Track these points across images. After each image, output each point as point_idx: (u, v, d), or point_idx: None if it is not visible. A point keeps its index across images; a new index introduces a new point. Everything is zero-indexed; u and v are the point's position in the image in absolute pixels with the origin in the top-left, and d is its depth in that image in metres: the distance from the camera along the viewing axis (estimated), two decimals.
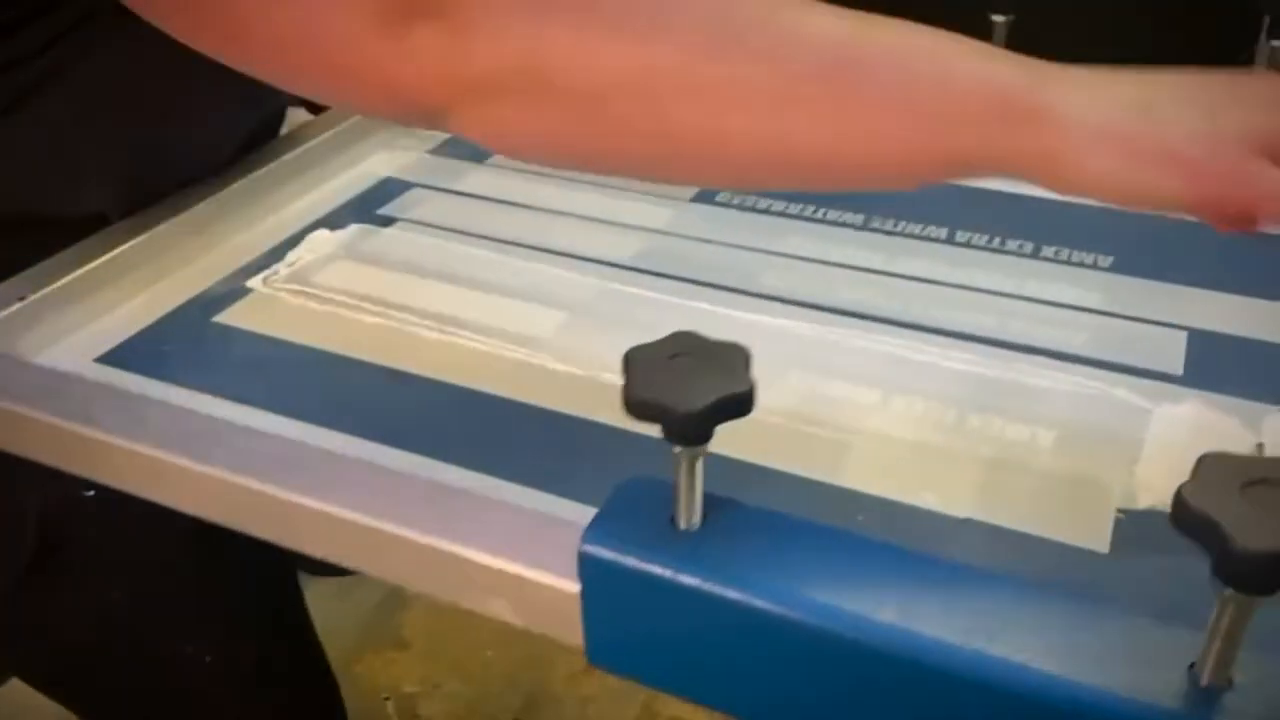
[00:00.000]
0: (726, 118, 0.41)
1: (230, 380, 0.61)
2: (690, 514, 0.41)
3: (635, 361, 0.38)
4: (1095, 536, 0.50)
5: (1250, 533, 0.30)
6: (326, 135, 0.84)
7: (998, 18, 0.81)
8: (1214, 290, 0.67)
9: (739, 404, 0.37)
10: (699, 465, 0.40)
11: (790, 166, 0.43)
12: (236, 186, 0.77)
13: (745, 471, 0.54)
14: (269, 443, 0.52)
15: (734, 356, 0.38)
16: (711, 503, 0.42)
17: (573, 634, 0.44)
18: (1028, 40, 0.46)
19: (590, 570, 0.41)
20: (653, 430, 0.38)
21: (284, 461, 0.51)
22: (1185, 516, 0.31)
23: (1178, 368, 0.61)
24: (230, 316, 0.68)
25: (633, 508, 0.42)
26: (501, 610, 0.46)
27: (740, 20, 0.41)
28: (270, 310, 0.68)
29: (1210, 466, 0.32)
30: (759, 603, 0.39)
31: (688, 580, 0.39)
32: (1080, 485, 0.53)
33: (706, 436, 0.38)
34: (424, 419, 0.58)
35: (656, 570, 0.40)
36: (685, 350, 0.39)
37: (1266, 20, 0.78)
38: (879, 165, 0.42)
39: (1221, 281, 0.68)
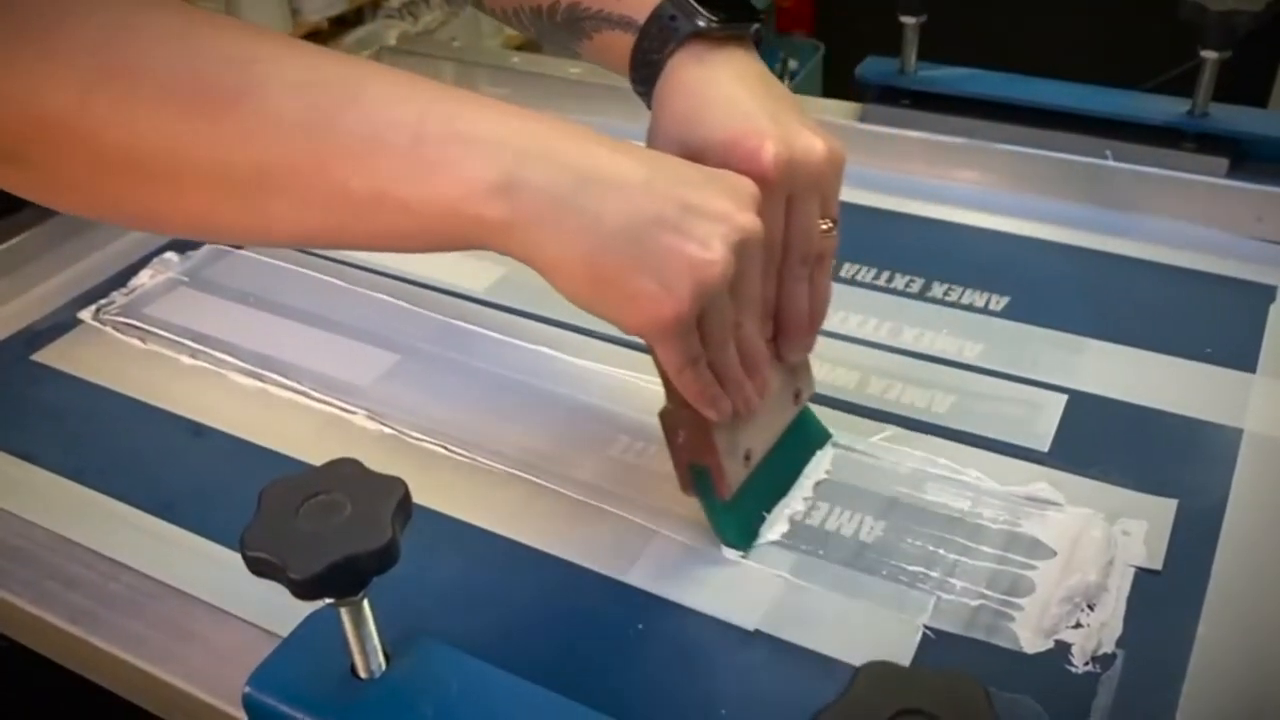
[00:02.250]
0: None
1: (26, 432, 0.58)
2: (367, 662, 0.36)
3: (266, 501, 0.33)
4: (898, 656, 0.44)
5: None
6: None
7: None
8: (1111, 342, 0.60)
9: (374, 560, 0.32)
10: (365, 612, 0.35)
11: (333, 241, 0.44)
12: None
13: (537, 561, 0.49)
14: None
15: (386, 497, 0.33)
16: (402, 644, 0.37)
17: None
18: None
19: (258, 716, 0.37)
20: None
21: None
22: None
23: (1044, 443, 0.54)
24: (50, 354, 0.64)
25: (314, 647, 0.37)
26: None
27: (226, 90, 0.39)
28: (91, 348, 0.64)
29: (862, 688, 0.27)
30: None
31: None
32: (888, 603, 0.47)
33: (356, 589, 0.34)
34: (209, 483, 0.54)
35: None
36: (336, 485, 0.34)
37: None
38: (409, 245, 0.43)
39: (1122, 327, 0.61)
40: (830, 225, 0.48)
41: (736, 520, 0.49)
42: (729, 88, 0.47)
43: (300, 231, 0.42)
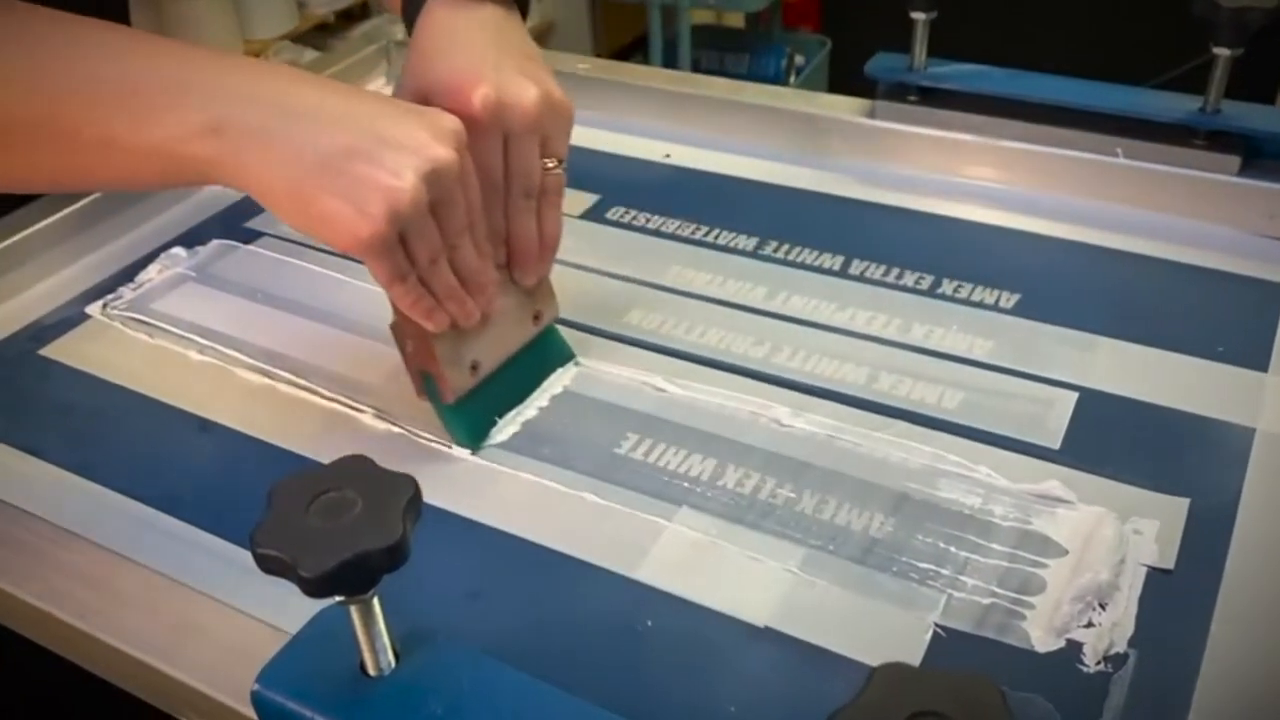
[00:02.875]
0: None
1: (33, 427, 0.58)
2: (376, 660, 0.36)
3: (276, 499, 0.33)
4: (908, 655, 0.44)
5: None
6: None
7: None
8: (1122, 340, 0.60)
9: (385, 557, 0.32)
10: (375, 610, 0.35)
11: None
12: (95, 197, 0.72)
13: (546, 559, 0.49)
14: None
15: (396, 495, 0.33)
16: (412, 641, 0.37)
17: None
18: None
19: (266, 712, 0.37)
20: None
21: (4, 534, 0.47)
22: None
23: (1055, 440, 0.54)
24: (57, 349, 0.64)
25: (323, 645, 0.37)
26: None
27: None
28: (99, 343, 0.64)
29: (877, 689, 0.27)
30: None
31: None
32: (897, 601, 0.46)
33: (366, 586, 0.33)
34: (217, 479, 0.54)
35: None
36: (346, 482, 0.34)
37: None
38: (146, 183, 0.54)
39: (1134, 325, 0.61)
40: (555, 164, 0.54)
41: (465, 422, 0.55)
42: (466, 35, 0.53)
43: (53, 177, 0.52)
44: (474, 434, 0.55)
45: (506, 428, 0.56)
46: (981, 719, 0.26)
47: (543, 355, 0.59)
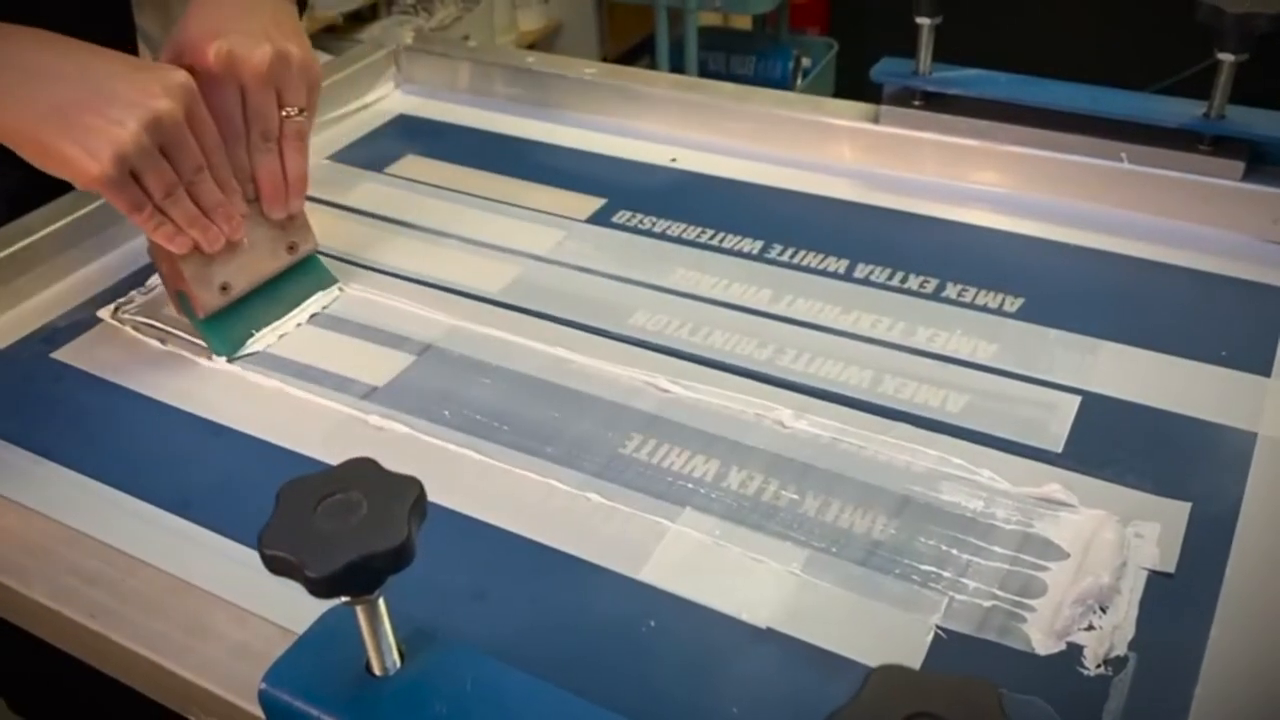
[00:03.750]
0: None
1: (45, 430, 0.58)
2: (382, 660, 0.36)
3: (283, 501, 0.34)
4: (909, 657, 0.45)
5: None
6: None
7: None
8: (1125, 344, 0.60)
9: (390, 558, 0.32)
10: (380, 611, 0.35)
11: None
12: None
13: (550, 559, 0.49)
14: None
15: (402, 497, 0.34)
16: (417, 641, 0.37)
17: None
18: None
19: (273, 711, 0.37)
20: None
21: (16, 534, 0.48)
22: None
23: (1058, 444, 0.54)
24: (69, 353, 0.64)
25: (330, 644, 0.38)
26: None
27: None
28: (111, 346, 0.65)
29: (873, 691, 0.27)
30: None
31: None
32: (900, 603, 0.47)
33: (372, 587, 0.34)
34: (227, 482, 0.55)
35: None
36: (353, 484, 0.34)
37: None
38: None
39: (1137, 330, 0.61)
40: (296, 112, 0.62)
41: (219, 334, 0.63)
42: (220, 3, 0.62)
43: None
44: (228, 344, 0.63)
45: (264, 339, 0.64)
46: None
47: (302, 280, 0.67)
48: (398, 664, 0.37)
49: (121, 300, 0.68)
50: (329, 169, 0.82)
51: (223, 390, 0.61)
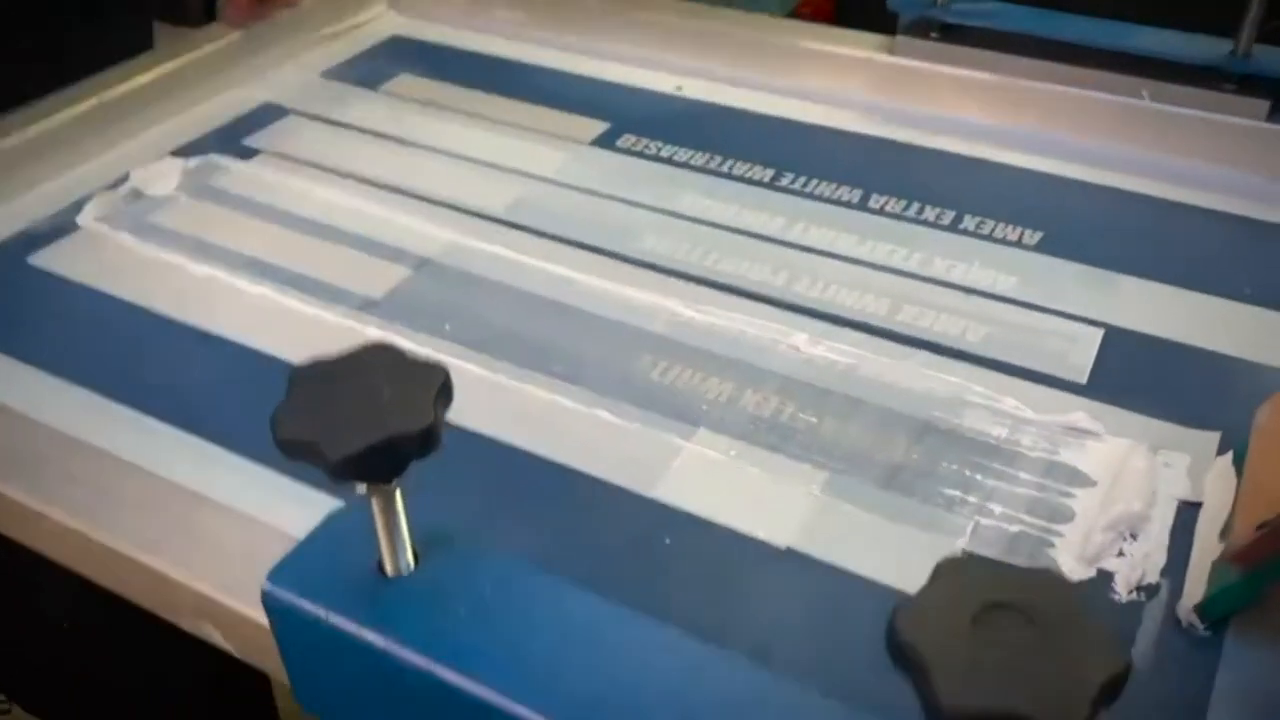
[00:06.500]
0: None
1: (26, 335, 0.55)
2: (395, 559, 0.34)
3: (297, 383, 0.31)
4: None
5: (962, 689, 0.23)
6: (203, 52, 0.77)
7: None
8: (1147, 279, 0.59)
9: (418, 440, 0.30)
10: (397, 503, 0.33)
11: None
12: (90, 105, 0.70)
13: (559, 476, 0.47)
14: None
15: (425, 382, 0.31)
16: (432, 542, 0.35)
17: (283, 671, 0.38)
18: None
19: (278, 612, 0.35)
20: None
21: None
22: (898, 651, 0.24)
23: (1082, 375, 0.53)
24: (47, 258, 0.61)
25: (338, 545, 0.35)
26: (213, 636, 0.40)
27: None
28: (92, 252, 0.62)
29: (943, 581, 0.25)
30: (452, 677, 0.32)
31: (376, 640, 0.33)
32: (924, 525, 0.45)
33: (392, 474, 0.32)
34: (216, 390, 0.52)
35: (344, 624, 0.33)
36: (372, 369, 0.32)
37: None
38: None
39: (1159, 266, 0.59)
40: None
41: None
42: None
43: None
44: None
45: None
46: (1057, 613, 0.25)
47: None
48: (412, 565, 0.35)
49: (104, 207, 0.65)
50: (321, 85, 0.79)
51: (209, 297, 0.58)
